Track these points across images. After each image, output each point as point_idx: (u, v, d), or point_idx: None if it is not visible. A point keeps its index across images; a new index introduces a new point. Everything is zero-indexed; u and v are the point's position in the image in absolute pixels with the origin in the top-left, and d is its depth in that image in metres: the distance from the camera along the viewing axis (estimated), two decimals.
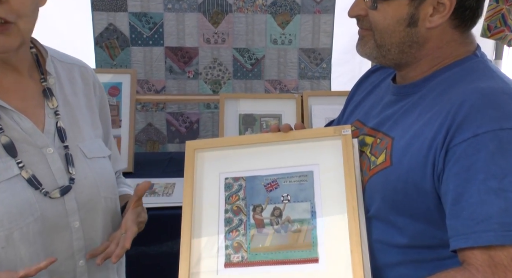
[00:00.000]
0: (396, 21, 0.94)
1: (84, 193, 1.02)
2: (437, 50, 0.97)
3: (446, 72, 0.97)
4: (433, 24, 0.93)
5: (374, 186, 0.98)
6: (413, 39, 0.96)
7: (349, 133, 1.03)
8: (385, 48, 0.97)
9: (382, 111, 1.05)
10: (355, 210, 0.97)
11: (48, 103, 1.03)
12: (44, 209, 0.95)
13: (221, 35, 2.40)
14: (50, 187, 0.97)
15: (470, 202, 0.83)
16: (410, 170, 0.91)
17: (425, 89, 0.98)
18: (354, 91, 1.23)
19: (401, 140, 0.95)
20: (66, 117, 1.05)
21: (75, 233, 1.01)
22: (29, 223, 0.93)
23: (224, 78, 2.46)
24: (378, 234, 0.98)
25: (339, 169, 1.01)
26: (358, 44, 1.02)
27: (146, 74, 2.42)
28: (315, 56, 2.45)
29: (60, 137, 1.01)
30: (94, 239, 1.05)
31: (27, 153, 0.96)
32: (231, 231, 1.02)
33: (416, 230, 0.94)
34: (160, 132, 2.49)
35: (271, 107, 2.20)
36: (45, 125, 1.00)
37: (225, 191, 1.05)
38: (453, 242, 0.85)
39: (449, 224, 0.86)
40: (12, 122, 0.95)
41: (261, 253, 0.99)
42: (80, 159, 1.04)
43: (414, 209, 0.93)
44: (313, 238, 0.98)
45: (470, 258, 0.83)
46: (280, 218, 1.01)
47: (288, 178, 1.03)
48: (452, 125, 0.86)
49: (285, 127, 1.07)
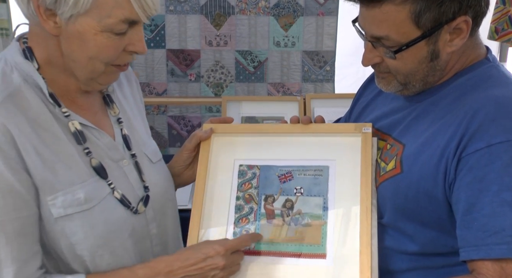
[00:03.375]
0: (418, 62, 0.93)
1: (158, 200, 1.04)
2: (456, 64, 0.97)
3: (459, 79, 0.97)
4: (455, 47, 0.93)
5: (384, 193, 0.99)
6: (436, 69, 0.95)
7: (370, 132, 1.03)
8: (410, 85, 0.97)
9: (391, 115, 1.06)
10: (368, 210, 0.97)
11: (110, 111, 1.04)
12: (133, 223, 0.99)
13: (223, 38, 2.40)
14: (134, 201, 0.99)
15: (482, 213, 0.83)
16: (421, 178, 0.92)
17: (437, 96, 0.98)
18: (361, 92, 1.24)
19: (412, 147, 0.96)
20: (125, 123, 1.05)
21: (154, 239, 1.04)
22: (126, 239, 0.97)
23: (227, 81, 2.47)
24: (388, 241, 0.99)
25: (356, 166, 1.00)
26: (380, 83, 1.01)
27: (148, 77, 2.42)
28: (318, 58, 2.45)
29: (127, 145, 1.03)
30: (167, 242, 1.08)
31: (110, 169, 0.97)
32: (240, 218, 1.02)
33: (428, 238, 0.95)
34: (161, 136, 2.50)
35: (273, 110, 2.22)
36: (115, 136, 1.02)
37: (238, 178, 1.06)
38: (464, 252, 0.86)
39: (460, 234, 0.87)
40: (95, 140, 0.97)
41: (269, 243, 1.00)
42: (148, 165, 1.06)
43: (426, 217, 0.94)
44: (323, 234, 0.98)
45: (481, 268, 0.84)
46: (291, 210, 1.01)
47: (303, 171, 1.03)
48: (465, 134, 0.87)
49: (305, 120, 1.07)
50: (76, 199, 0.89)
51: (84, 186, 0.91)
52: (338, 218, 0.99)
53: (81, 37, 0.87)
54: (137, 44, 0.91)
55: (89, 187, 0.92)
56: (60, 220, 0.89)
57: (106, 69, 0.93)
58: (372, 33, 0.93)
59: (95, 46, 0.88)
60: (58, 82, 0.94)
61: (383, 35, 0.91)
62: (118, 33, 0.88)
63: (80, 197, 0.90)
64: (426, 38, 0.89)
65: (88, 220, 0.91)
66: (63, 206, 0.88)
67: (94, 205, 0.92)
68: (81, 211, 0.90)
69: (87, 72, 0.92)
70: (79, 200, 0.90)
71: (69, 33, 0.87)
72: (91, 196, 0.92)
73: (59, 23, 0.86)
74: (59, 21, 0.86)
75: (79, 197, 0.90)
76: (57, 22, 0.86)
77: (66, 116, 0.92)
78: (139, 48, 0.92)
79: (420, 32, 0.89)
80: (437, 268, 0.96)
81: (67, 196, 0.89)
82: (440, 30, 0.89)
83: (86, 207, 0.91)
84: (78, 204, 0.90)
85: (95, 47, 0.88)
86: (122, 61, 0.94)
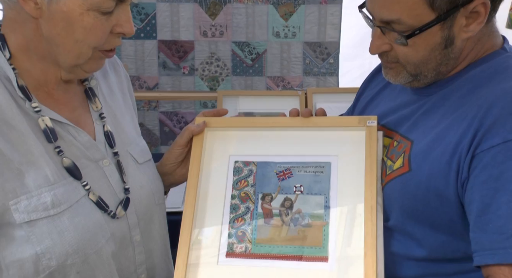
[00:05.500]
0: (431, 49, 0.92)
1: (143, 204, 1.03)
2: (470, 52, 0.96)
3: (472, 70, 0.96)
4: (471, 33, 0.91)
5: (390, 193, 0.98)
6: (449, 57, 0.94)
7: (375, 125, 1.01)
8: (421, 75, 0.96)
9: (398, 110, 1.04)
10: (373, 210, 0.96)
11: (92, 106, 1.02)
12: (113, 229, 0.96)
13: (219, 28, 2.40)
14: (113, 204, 0.97)
15: (498, 214, 0.82)
16: (431, 176, 0.91)
17: (449, 89, 0.97)
18: (365, 86, 1.23)
19: (421, 143, 0.95)
20: (109, 119, 1.04)
21: (137, 247, 1.02)
22: (102, 246, 0.94)
23: (222, 74, 2.46)
24: (394, 246, 0.98)
25: (360, 162, 1.00)
26: (388, 74, 1.00)
27: (138, 70, 2.42)
28: (321, 50, 2.45)
29: (109, 143, 1.01)
30: (154, 250, 1.07)
31: (88, 169, 0.95)
32: (236, 219, 1.02)
33: (438, 242, 0.94)
34: (153, 133, 2.50)
35: (272, 106, 2.20)
36: (96, 134, 0.99)
37: (233, 175, 1.05)
38: (478, 257, 0.85)
39: (474, 237, 0.86)
40: (70, 138, 0.94)
41: (267, 245, 0.99)
42: (132, 166, 1.04)
43: (436, 219, 0.93)
44: (324, 235, 0.97)
45: (497, 274, 0.83)
46: (291, 210, 1.01)
47: (303, 168, 1.03)
48: (479, 129, 0.86)
49: (306, 113, 1.06)
50: (41, 203, 0.87)
51: (52, 189, 0.89)
52: (341, 218, 0.98)
53: (66, 18, 0.85)
54: (125, 25, 0.90)
55: (59, 189, 0.89)
56: (25, 225, 0.86)
57: (93, 55, 0.91)
58: (382, 17, 0.91)
59: (81, 27, 0.86)
60: (33, 72, 0.92)
61: (395, 19, 0.89)
62: (105, 13, 0.87)
63: (46, 201, 0.87)
64: (441, 21, 0.88)
65: (56, 226, 0.88)
66: (26, 211, 0.86)
67: (64, 209, 0.89)
68: (47, 216, 0.87)
69: (72, 58, 0.90)
70: (45, 204, 0.87)
71: (52, 14, 0.85)
72: (61, 200, 0.89)
73: (40, 3, 0.84)
74: (40, 1, 0.84)
75: (45, 201, 0.87)
76: (38, 3, 0.84)
77: (37, 111, 0.90)
78: (127, 29, 0.91)
79: (435, 15, 0.88)
80: (448, 275, 0.95)
81: (31, 200, 0.86)
82: (456, 14, 0.88)
83: (54, 212, 0.88)
84: (44, 208, 0.87)
85: (82, 28, 0.86)
86: (110, 45, 0.92)
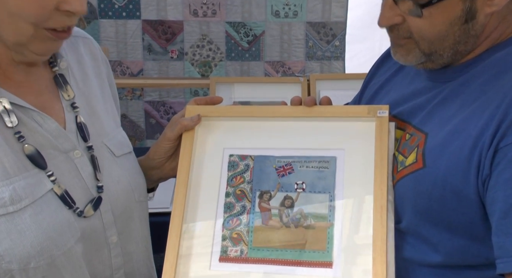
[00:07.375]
0: (449, 23, 0.92)
1: (120, 201, 1.03)
2: (494, 31, 0.96)
3: (497, 53, 0.96)
4: (496, 7, 0.91)
5: (402, 192, 0.98)
6: (469, 34, 0.94)
7: (386, 116, 1.01)
8: (436, 54, 0.96)
9: (412, 99, 1.04)
10: (383, 210, 0.96)
11: (62, 94, 1.02)
12: (83, 228, 0.96)
13: (211, 6, 2.41)
14: (83, 201, 0.97)
15: None
16: (448, 173, 0.91)
17: (469, 74, 0.97)
18: (374, 72, 1.23)
19: (436, 136, 0.95)
20: (83, 108, 1.04)
21: (113, 249, 1.02)
22: (71, 247, 0.94)
23: (215, 59, 2.48)
24: (407, 251, 0.98)
25: (369, 157, 1.00)
26: (397, 53, 1.00)
27: (119, 54, 2.43)
28: (325, 32, 2.47)
29: (82, 136, 1.01)
30: (133, 253, 1.07)
31: (55, 161, 0.95)
32: (231, 219, 1.03)
33: (455, 246, 0.94)
34: (137, 125, 2.52)
35: (271, 94, 2.22)
36: (66, 123, 0.99)
37: (228, 171, 1.05)
38: (502, 264, 0.85)
39: (496, 241, 0.86)
40: (34, 125, 0.94)
41: (264, 249, 1.00)
42: (109, 160, 1.04)
43: (454, 221, 0.92)
44: (329, 238, 0.98)
45: None
46: (292, 210, 1.01)
47: (306, 163, 1.03)
48: (504, 120, 0.86)
49: (309, 101, 1.06)
50: None
51: (12, 183, 0.89)
52: (347, 219, 0.98)
53: None
54: (73, 1, 0.88)
55: (20, 183, 0.89)
56: None
57: (38, 34, 0.89)
58: None
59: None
60: None
61: None
62: None
63: (3, 197, 0.87)
64: None
65: (16, 225, 0.88)
66: None
67: (25, 205, 0.89)
68: (5, 214, 0.87)
69: (12, 34, 0.89)
70: (2, 200, 0.87)
71: None
72: (22, 195, 0.89)
73: None
74: None
75: (3, 197, 0.87)
76: None
77: None
78: (75, 6, 0.88)
79: None
80: None
81: None
82: None
83: (13, 209, 0.88)
84: (1, 205, 0.87)
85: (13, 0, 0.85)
86: (57, 23, 0.90)
